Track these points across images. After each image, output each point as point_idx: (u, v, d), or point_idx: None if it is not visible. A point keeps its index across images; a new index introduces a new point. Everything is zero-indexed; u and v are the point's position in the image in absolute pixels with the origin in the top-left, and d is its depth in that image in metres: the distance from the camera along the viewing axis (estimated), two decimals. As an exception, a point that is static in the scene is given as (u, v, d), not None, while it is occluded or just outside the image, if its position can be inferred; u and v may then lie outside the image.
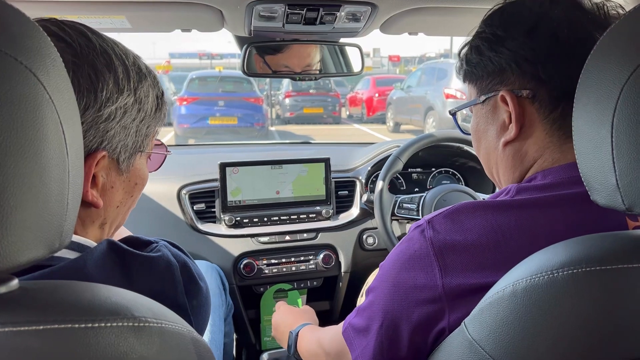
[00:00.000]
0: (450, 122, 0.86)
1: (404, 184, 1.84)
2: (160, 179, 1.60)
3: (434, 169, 1.87)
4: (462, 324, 0.54)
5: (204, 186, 1.62)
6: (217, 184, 1.60)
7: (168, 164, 0.84)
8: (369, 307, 0.68)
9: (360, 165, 1.78)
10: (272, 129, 11.08)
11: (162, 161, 0.78)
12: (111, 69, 0.57)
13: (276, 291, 1.63)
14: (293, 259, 1.62)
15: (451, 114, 0.85)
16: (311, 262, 1.64)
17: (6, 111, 0.34)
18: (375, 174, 1.74)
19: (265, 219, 1.62)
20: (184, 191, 1.60)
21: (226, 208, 1.59)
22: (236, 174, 1.59)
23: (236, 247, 1.58)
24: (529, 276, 0.48)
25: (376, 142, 1.96)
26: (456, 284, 0.58)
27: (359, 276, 1.66)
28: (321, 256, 1.64)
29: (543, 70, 0.64)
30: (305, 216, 1.66)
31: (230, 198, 1.59)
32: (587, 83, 0.50)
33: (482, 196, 1.52)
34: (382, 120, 12.05)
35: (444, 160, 1.86)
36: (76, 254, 0.55)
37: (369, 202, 1.63)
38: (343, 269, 1.67)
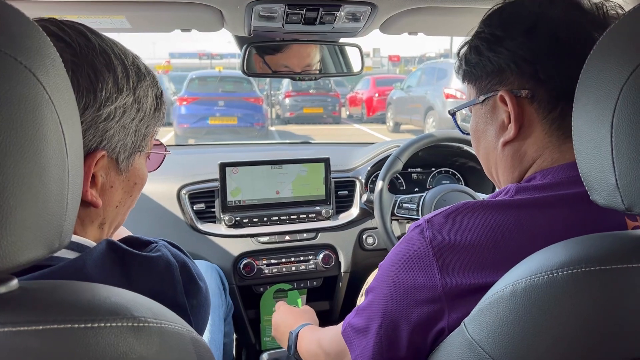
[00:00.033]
0: (450, 122, 0.86)
1: (404, 184, 1.84)
2: (160, 178, 1.60)
3: (433, 169, 1.87)
4: (462, 324, 0.54)
5: (203, 186, 1.62)
6: (216, 184, 1.60)
7: (168, 163, 0.84)
8: (368, 307, 0.68)
9: (360, 165, 1.78)
10: (272, 129, 11.07)
11: (161, 161, 0.78)
12: (110, 68, 0.57)
13: (276, 291, 1.63)
14: (293, 259, 1.62)
15: (450, 114, 0.86)
16: (311, 262, 1.64)
17: (6, 111, 0.34)
18: (375, 174, 1.74)
19: (265, 219, 1.62)
20: (183, 191, 1.60)
21: (226, 208, 1.59)
22: (236, 174, 1.59)
23: (236, 247, 1.58)
24: (528, 276, 0.48)
25: (376, 142, 1.96)
26: (455, 283, 0.58)
27: (358, 276, 1.66)
28: (321, 256, 1.64)
29: (542, 70, 0.64)
30: (305, 216, 1.66)
31: (230, 198, 1.59)
32: (587, 83, 0.50)
33: (481, 196, 1.52)
34: (382, 120, 12.04)
35: (443, 160, 1.86)
36: (76, 254, 0.55)
37: (369, 202, 1.63)
38: (343, 269, 1.67)
